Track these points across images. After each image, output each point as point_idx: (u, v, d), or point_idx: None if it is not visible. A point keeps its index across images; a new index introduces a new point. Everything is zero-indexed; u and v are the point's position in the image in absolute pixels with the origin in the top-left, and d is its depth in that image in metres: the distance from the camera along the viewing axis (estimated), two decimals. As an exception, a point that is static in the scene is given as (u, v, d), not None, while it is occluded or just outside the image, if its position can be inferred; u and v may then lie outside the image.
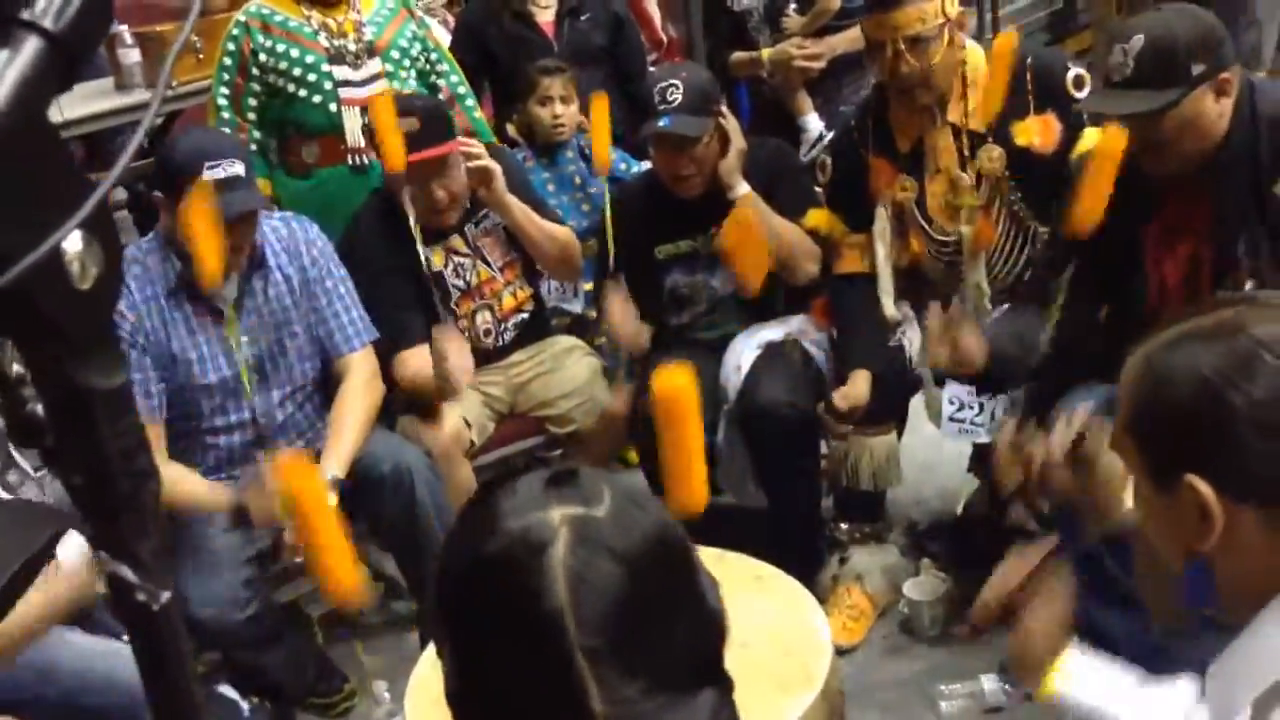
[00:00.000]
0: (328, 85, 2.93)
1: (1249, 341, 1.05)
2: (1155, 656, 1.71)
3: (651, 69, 3.54)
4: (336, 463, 2.45)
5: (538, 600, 0.82)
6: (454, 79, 3.15)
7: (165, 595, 0.50)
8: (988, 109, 2.50)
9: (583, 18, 3.46)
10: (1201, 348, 1.07)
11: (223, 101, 2.96)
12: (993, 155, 2.53)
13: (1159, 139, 2.12)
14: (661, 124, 2.68)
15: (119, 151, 4.31)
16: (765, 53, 3.44)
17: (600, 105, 2.89)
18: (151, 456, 0.53)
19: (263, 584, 2.51)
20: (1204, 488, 1.04)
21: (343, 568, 1.78)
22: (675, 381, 2.04)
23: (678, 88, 2.68)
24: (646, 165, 3.14)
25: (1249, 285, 2.04)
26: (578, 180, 3.31)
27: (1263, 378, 1.03)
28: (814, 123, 3.41)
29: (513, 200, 2.79)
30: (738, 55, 3.49)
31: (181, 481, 2.39)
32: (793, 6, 3.41)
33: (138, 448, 0.53)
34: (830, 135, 3.24)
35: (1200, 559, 1.10)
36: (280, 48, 2.93)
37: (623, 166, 3.31)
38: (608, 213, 2.96)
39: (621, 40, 3.54)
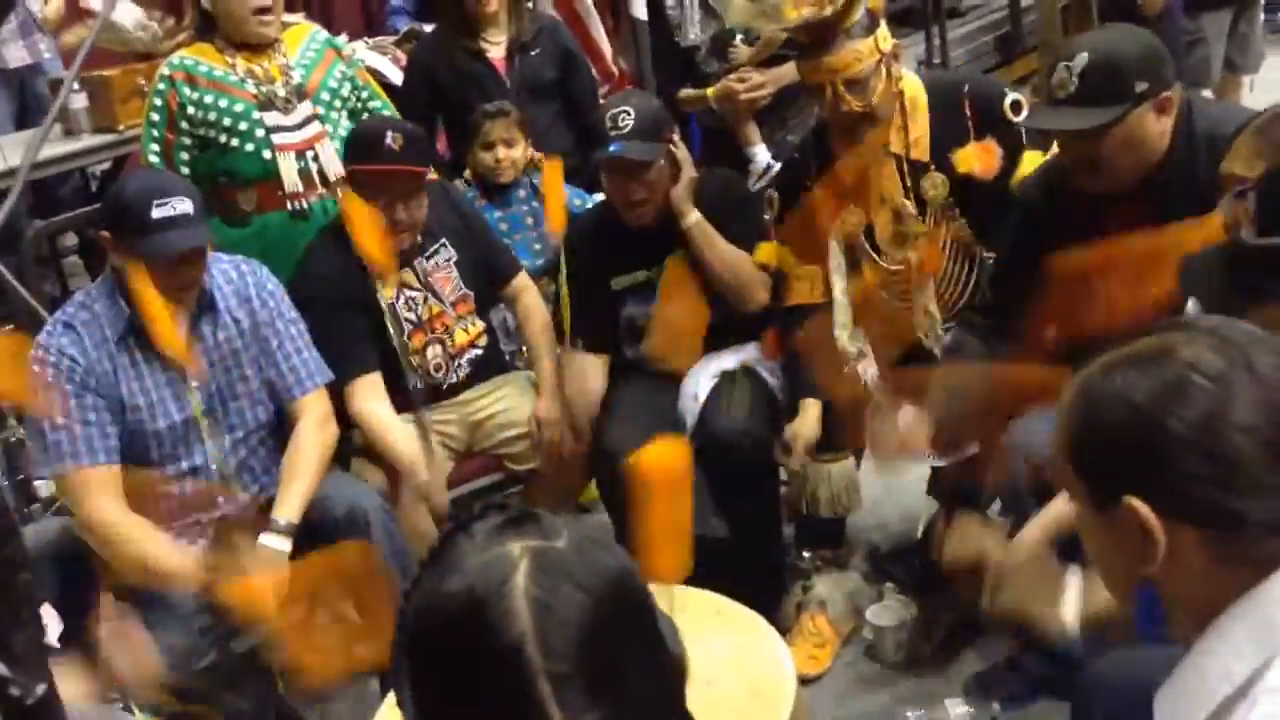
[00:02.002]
0: (259, 132, 2.91)
1: (1178, 365, 1.06)
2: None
3: (602, 101, 3.56)
4: (290, 507, 2.43)
5: (500, 629, 0.82)
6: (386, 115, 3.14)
7: (40, 688, 0.49)
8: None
9: (533, 52, 3.47)
10: (1133, 374, 1.09)
11: (154, 159, 2.94)
12: (935, 183, 2.56)
13: (1099, 156, 2.14)
14: (613, 149, 2.69)
15: (65, 196, 4.28)
16: (710, 92, 3.46)
17: (554, 169, 2.95)
18: (23, 546, 0.52)
19: (220, 632, 2.47)
20: (1144, 509, 1.06)
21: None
22: (666, 455, 1.98)
23: (629, 114, 2.70)
24: (600, 197, 3.15)
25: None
26: (530, 220, 3.32)
27: (1196, 401, 1.04)
28: (761, 154, 3.42)
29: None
30: (686, 92, 3.52)
31: (147, 544, 2.32)
32: (739, 38, 3.44)
33: (8, 535, 0.51)
34: (777, 166, 3.26)
35: (1147, 585, 1.11)
36: (208, 99, 2.91)
37: (577, 203, 3.32)
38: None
39: (573, 74, 3.56)
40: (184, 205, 2.33)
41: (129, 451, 2.42)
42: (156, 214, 2.29)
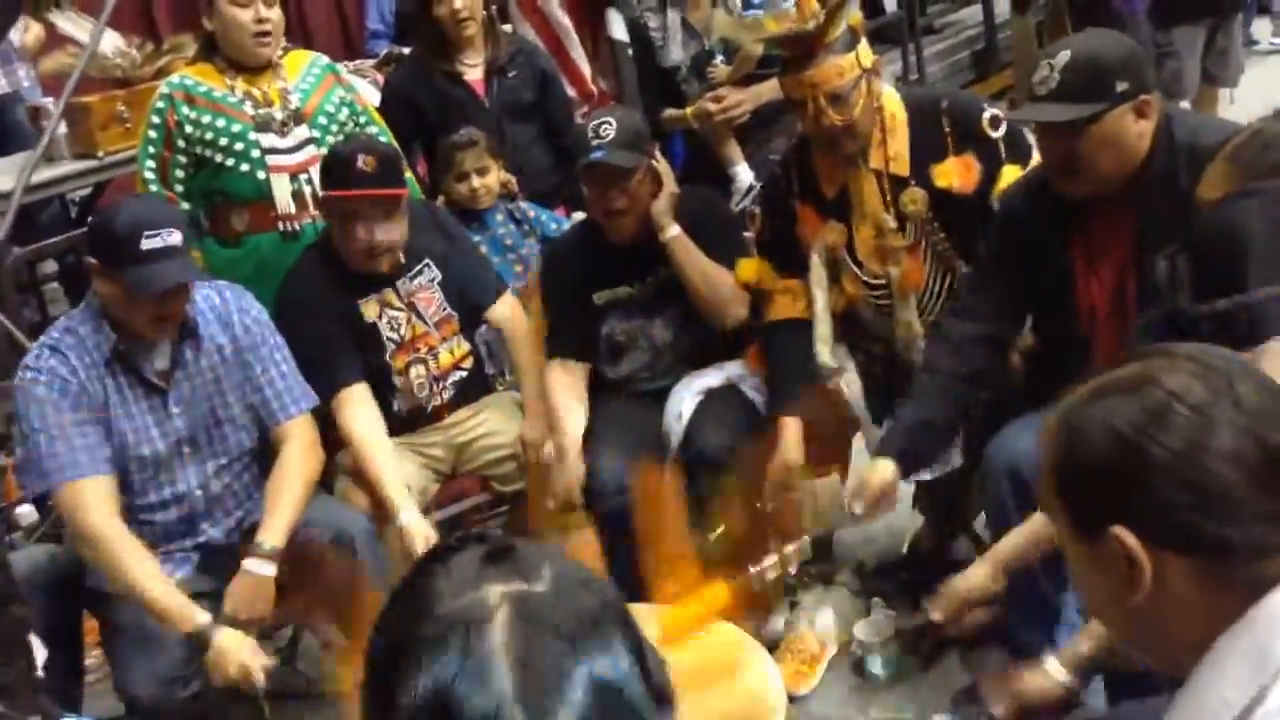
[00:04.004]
0: (255, 154, 2.92)
1: (1161, 394, 1.06)
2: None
3: (581, 121, 3.57)
4: (274, 533, 2.42)
5: (478, 685, 0.79)
6: (383, 140, 3.15)
7: (33, 725, 0.48)
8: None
9: (510, 74, 3.49)
10: (1114, 403, 1.08)
11: (149, 175, 2.94)
12: (915, 198, 2.57)
13: (1078, 155, 2.16)
14: (595, 156, 2.71)
15: (45, 223, 4.25)
16: (688, 112, 3.47)
17: None
18: (13, 578, 0.51)
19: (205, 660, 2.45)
20: (1129, 537, 1.05)
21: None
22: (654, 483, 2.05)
23: (611, 124, 2.73)
24: (580, 215, 3.15)
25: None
26: (508, 242, 3.33)
27: (1177, 429, 1.04)
28: (744, 173, 3.43)
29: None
30: (668, 113, 3.54)
31: (140, 577, 2.29)
32: (719, 58, 3.46)
33: (-1, 569, 0.51)
34: (760, 185, 3.28)
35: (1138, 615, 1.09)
36: (205, 118, 2.91)
37: (554, 227, 3.33)
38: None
39: (549, 95, 3.58)
40: (174, 237, 2.33)
41: (111, 476, 2.41)
42: (147, 245, 2.29)
